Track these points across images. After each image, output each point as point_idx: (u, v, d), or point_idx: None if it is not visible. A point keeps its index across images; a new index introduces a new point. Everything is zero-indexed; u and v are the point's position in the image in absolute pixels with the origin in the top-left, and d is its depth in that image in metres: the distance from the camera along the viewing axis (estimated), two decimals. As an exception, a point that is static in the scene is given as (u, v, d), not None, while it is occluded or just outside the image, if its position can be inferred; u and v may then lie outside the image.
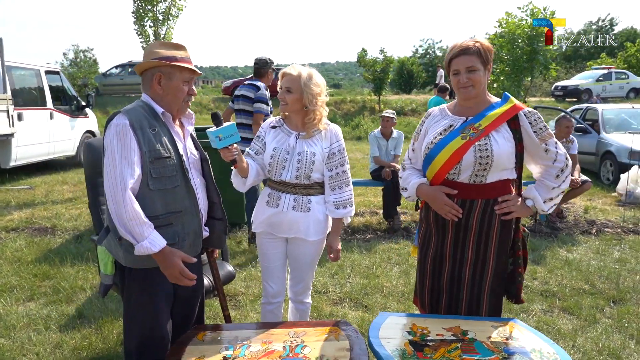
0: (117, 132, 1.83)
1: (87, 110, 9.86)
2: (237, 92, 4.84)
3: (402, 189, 2.32)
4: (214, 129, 2.06)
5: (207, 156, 2.20)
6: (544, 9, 9.63)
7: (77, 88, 12.25)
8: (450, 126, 2.12)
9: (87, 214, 5.84)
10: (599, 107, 9.60)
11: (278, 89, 2.36)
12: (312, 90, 2.26)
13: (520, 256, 2.20)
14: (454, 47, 2.05)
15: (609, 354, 2.83)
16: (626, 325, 3.21)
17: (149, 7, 13.06)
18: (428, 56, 43.18)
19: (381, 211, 5.99)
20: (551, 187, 2.08)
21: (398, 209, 5.61)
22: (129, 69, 18.83)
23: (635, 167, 6.94)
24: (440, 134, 2.13)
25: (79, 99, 9.69)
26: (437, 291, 2.24)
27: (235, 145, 2.12)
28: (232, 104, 4.90)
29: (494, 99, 2.13)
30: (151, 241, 1.80)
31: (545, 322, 3.25)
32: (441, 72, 23.45)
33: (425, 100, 20.42)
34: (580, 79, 21.47)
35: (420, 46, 45.38)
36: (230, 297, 3.54)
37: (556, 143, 2.07)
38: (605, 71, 21.21)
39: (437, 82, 23.72)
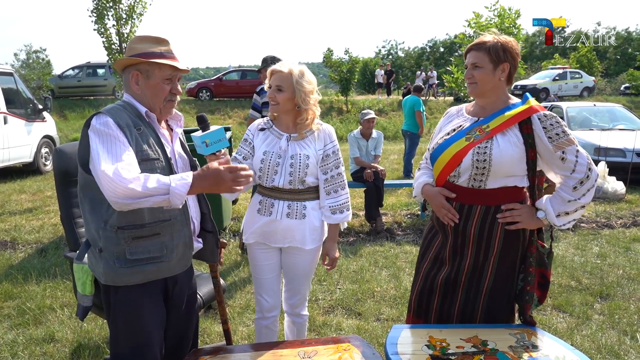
0: (100, 131, 1.61)
1: (45, 113, 9.29)
2: (264, 99, 4.19)
3: (414, 187, 2.24)
4: (200, 133, 1.88)
5: (197, 162, 2.02)
6: (509, 9, 9.87)
7: (31, 90, 11.51)
8: (460, 126, 2.03)
9: (49, 225, 5.44)
10: (564, 105, 9.91)
11: (266, 88, 2.21)
12: (305, 88, 2.11)
13: (533, 273, 2.02)
14: (474, 41, 1.98)
15: (607, 352, 2.83)
16: (618, 321, 3.23)
17: (111, 5, 12.43)
18: (391, 57, 43.77)
19: (361, 213, 5.90)
20: (567, 200, 1.87)
21: (380, 210, 5.52)
22: (87, 71, 18.04)
23: (602, 163, 7.16)
24: (448, 133, 2.05)
25: (35, 102, 9.11)
26: (427, 294, 2.13)
27: (223, 151, 1.95)
28: (256, 113, 4.25)
29: (514, 100, 1.99)
30: (177, 179, 1.53)
31: (541, 321, 3.23)
32: (381, 72, 23.60)
33: (392, 100, 20.64)
34: (537, 79, 22.29)
35: (383, 47, 46.05)
36: (215, 310, 3.33)
37: (577, 151, 1.85)
38: (561, 71, 22.12)
39: (376, 81, 23.85)
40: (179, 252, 1.81)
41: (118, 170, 1.52)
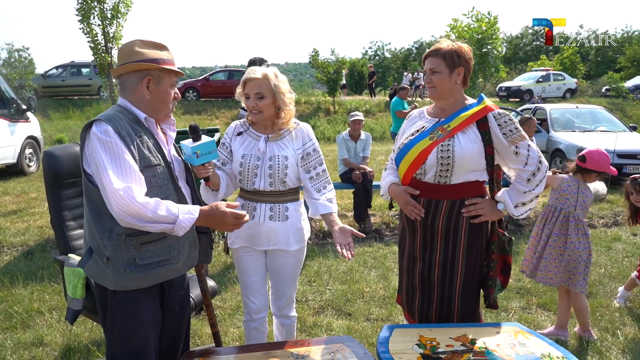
0: (103, 141, 1.61)
1: (29, 114, 9.13)
2: None
3: (381, 187, 2.34)
4: (190, 142, 1.90)
5: (190, 165, 2.03)
6: (489, 13, 10.01)
7: (14, 90, 11.32)
8: (423, 127, 2.15)
9: (35, 228, 5.37)
10: (547, 107, 10.10)
11: (236, 96, 2.21)
12: (282, 88, 2.14)
13: (495, 260, 2.15)
14: (430, 48, 2.09)
15: (590, 349, 2.91)
16: (600, 318, 3.32)
17: (95, 4, 12.27)
18: (377, 57, 43.99)
19: (350, 214, 5.95)
20: (523, 192, 2.03)
21: (368, 211, 5.57)
22: (71, 70, 17.77)
23: (584, 164, 7.31)
24: (412, 134, 2.16)
25: (18, 101, 8.96)
26: (412, 290, 2.25)
27: (211, 162, 1.97)
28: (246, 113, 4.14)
29: (470, 101, 2.13)
30: (185, 212, 1.62)
31: (526, 319, 3.31)
32: (343, 72, 23.14)
33: (379, 101, 20.75)
34: (521, 80, 22.59)
35: (370, 48, 46.19)
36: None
37: (529, 146, 2.00)
38: (544, 73, 22.46)
39: (341, 83, 23.30)
40: (185, 252, 1.84)
41: (131, 189, 1.56)
